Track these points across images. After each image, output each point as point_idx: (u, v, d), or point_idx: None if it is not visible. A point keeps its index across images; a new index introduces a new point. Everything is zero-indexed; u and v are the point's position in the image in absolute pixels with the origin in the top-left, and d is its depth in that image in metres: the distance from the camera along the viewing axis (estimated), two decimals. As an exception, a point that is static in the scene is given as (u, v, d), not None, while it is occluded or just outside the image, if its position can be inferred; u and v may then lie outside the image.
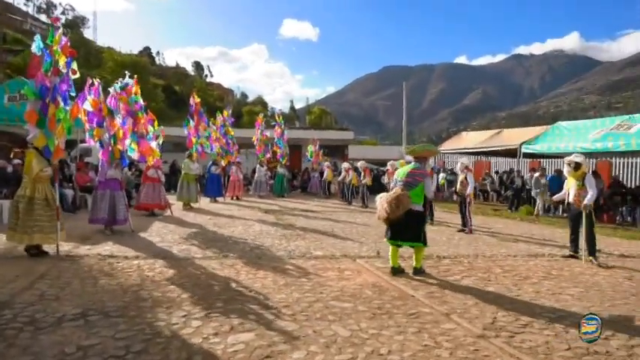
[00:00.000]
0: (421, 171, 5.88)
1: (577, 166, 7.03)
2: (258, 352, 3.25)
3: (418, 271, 5.80)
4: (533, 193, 13.84)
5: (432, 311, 4.35)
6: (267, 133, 20.03)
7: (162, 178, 11.40)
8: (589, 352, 3.45)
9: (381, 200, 5.72)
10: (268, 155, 19.84)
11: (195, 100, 13.93)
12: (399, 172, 6.01)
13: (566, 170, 7.15)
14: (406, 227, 5.68)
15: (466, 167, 10.19)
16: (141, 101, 9.05)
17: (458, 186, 10.45)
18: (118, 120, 8.33)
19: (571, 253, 7.28)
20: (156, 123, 9.76)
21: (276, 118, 21.37)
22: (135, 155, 9.20)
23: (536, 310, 4.47)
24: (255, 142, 19.72)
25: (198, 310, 4.11)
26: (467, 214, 9.97)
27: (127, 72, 9.23)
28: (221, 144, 16.06)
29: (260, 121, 19.91)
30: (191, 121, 13.85)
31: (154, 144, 9.87)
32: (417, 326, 3.90)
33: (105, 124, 8.03)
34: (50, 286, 4.81)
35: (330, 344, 3.44)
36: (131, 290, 4.72)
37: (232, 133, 17.52)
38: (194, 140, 13.74)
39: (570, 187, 7.17)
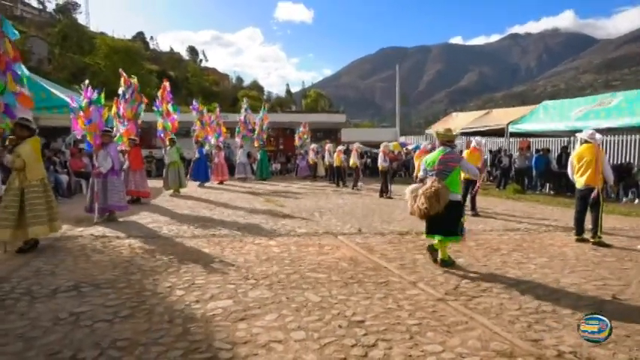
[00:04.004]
0: (452, 155, 5.29)
1: None
2: (234, 315, 3.58)
3: (445, 262, 5.28)
4: None
5: (401, 280, 4.69)
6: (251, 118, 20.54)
7: (124, 165, 10.40)
8: (537, 311, 3.80)
9: (414, 194, 5.29)
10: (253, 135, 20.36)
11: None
12: (427, 160, 5.39)
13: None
14: (443, 219, 5.13)
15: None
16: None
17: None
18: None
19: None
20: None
21: (264, 105, 21.81)
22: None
23: (499, 278, 4.81)
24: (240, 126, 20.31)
25: (182, 282, 4.44)
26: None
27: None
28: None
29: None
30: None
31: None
32: (384, 292, 4.24)
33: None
34: (45, 263, 5.13)
35: (300, 308, 3.78)
36: (121, 265, 5.05)
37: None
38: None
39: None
